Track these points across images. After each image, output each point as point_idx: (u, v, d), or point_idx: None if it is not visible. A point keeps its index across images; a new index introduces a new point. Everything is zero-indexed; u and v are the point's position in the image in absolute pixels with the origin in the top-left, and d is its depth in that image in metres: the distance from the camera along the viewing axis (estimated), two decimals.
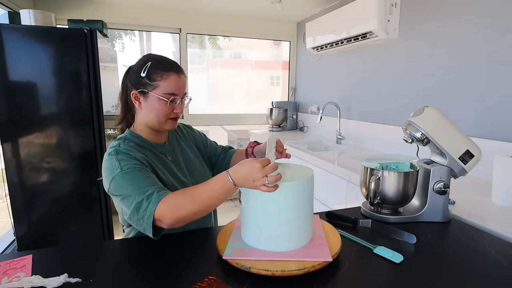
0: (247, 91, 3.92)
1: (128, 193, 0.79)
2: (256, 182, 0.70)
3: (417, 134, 0.97)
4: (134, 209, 0.77)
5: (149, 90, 0.90)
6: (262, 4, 2.79)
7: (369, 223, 0.93)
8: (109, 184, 0.83)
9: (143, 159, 0.88)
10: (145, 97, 0.91)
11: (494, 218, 1.02)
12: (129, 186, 0.79)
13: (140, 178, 0.81)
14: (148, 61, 0.91)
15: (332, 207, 1.85)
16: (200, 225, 0.99)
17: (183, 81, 0.93)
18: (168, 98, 0.90)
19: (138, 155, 0.87)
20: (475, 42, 1.56)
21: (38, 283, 0.62)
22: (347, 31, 2.24)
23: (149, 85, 0.89)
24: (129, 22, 2.93)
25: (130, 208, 0.78)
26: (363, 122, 2.39)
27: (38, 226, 2.00)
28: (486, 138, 1.49)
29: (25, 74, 1.86)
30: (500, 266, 0.72)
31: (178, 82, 0.91)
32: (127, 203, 0.79)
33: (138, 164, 0.84)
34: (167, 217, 0.75)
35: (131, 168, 0.82)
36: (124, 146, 0.89)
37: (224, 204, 3.46)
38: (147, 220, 0.75)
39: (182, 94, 0.94)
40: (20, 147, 1.90)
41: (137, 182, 0.80)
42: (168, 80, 0.89)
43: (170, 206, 0.75)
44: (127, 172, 0.81)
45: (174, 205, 0.76)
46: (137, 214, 0.77)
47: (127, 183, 0.80)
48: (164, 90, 0.89)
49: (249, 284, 0.64)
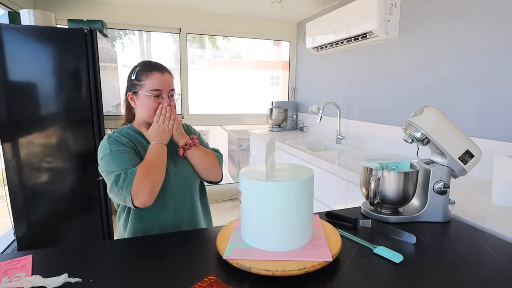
0: (247, 91, 3.92)
1: (112, 169, 0.93)
2: (164, 128, 1.01)
3: (417, 134, 0.97)
4: (113, 182, 0.92)
5: (138, 90, 1.04)
6: (262, 4, 2.79)
7: (369, 223, 0.93)
8: (99, 162, 0.98)
9: (128, 143, 1.01)
10: (137, 96, 1.05)
11: (494, 218, 1.02)
12: (114, 164, 0.94)
13: (124, 158, 0.96)
14: (137, 66, 1.06)
15: (332, 207, 1.85)
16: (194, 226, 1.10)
17: (166, 78, 1.05)
18: (153, 94, 1.02)
19: (124, 140, 1.01)
20: (475, 42, 1.56)
21: (38, 283, 0.62)
22: (347, 31, 2.24)
23: (138, 85, 1.03)
24: (129, 22, 2.93)
25: (111, 181, 0.92)
26: (363, 122, 2.39)
27: (38, 226, 2.00)
28: (486, 138, 1.49)
29: (25, 74, 1.86)
30: (500, 266, 0.72)
31: (162, 79, 1.03)
32: (110, 178, 0.93)
33: (125, 148, 0.99)
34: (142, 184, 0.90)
35: (118, 151, 0.97)
36: (117, 134, 1.03)
37: (224, 204, 3.47)
38: (126, 189, 0.90)
39: (167, 90, 1.05)
40: (20, 147, 1.90)
41: (120, 161, 0.95)
42: (152, 78, 1.02)
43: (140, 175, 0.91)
44: (114, 153, 0.96)
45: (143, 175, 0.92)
46: (116, 186, 0.91)
47: (113, 161, 0.94)
48: (150, 87, 1.02)
49: (249, 284, 0.64)
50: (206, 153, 1.11)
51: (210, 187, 3.85)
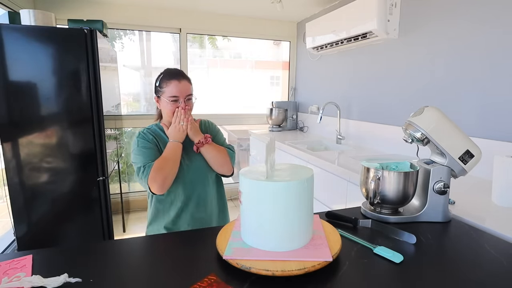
0: (247, 91, 3.92)
1: (137, 162, 1.15)
2: (179, 129, 1.17)
3: (417, 134, 0.97)
4: (136, 173, 1.15)
5: (160, 95, 1.21)
6: (262, 4, 2.79)
7: (369, 223, 0.93)
8: (131, 154, 1.20)
9: (152, 140, 1.21)
10: (160, 100, 1.23)
11: (494, 218, 1.02)
12: (139, 158, 1.15)
13: (146, 153, 1.16)
14: (161, 74, 1.23)
15: (332, 207, 1.85)
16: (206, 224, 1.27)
17: (183, 85, 1.19)
18: (170, 100, 1.18)
19: (150, 138, 1.21)
20: (475, 42, 1.56)
21: (38, 283, 0.62)
22: (347, 31, 2.24)
23: (160, 91, 1.21)
24: (129, 22, 2.93)
25: (135, 171, 1.15)
26: (363, 122, 2.39)
27: (38, 226, 2.00)
28: (486, 138, 1.49)
29: (25, 74, 1.86)
30: (500, 266, 0.72)
31: (179, 86, 1.18)
32: (135, 169, 1.16)
33: (150, 144, 1.19)
34: (156, 177, 1.10)
35: (144, 147, 1.17)
36: (145, 131, 1.23)
37: None
38: (144, 179, 1.12)
39: (184, 96, 1.19)
40: (20, 147, 1.90)
41: (144, 156, 1.15)
42: (170, 86, 1.18)
43: (155, 169, 1.11)
44: (140, 148, 1.17)
45: (158, 169, 1.12)
46: (138, 176, 1.14)
47: (138, 155, 1.16)
48: (168, 94, 1.18)
49: (249, 284, 0.64)
50: (218, 150, 1.25)
51: None
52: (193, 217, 1.23)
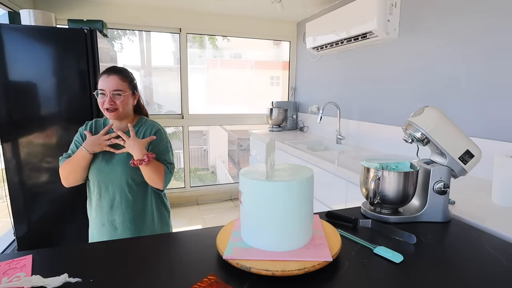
0: (247, 91, 3.92)
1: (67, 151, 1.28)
2: (101, 144, 1.19)
3: (417, 134, 0.97)
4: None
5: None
6: (262, 4, 2.79)
7: (369, 223, 0.93)
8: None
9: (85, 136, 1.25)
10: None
11: (494, 218, 1.02)
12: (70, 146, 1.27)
13: (72, 146, 1.27)
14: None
15: (332, 207, 1.85)
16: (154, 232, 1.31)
17: (111, 79, 1.19)
18: (98, 93, 1.20)
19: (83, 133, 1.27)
20: (475, 42, 1.56)
21: (38, 283, 0.62)
22: (347, 31, 2.24)
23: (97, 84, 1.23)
24: (129, 22, 2.93)
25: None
26: (363, 122, 2.39)
27: (38, 226, 2.00)
28: (486, 138, 1.49)
29: (25, 74, 1.86)
30: (500, 266, 0.72)
31: (106, 81, 1.19)
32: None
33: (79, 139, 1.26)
34: (61, 171, 1.24)
35: (75, 140, 1.28)
36: (89, 123, 1.33)
37: (224, 204, 3.47)
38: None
39: (110, 90, 1.18)
40: (20, 147, 1.90)
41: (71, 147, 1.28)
42: (99, 80, 1.20)
43: (61, 166, 1.24)
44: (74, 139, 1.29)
45: (62, 166, 1.23)
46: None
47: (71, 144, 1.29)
48: (98, 87, 1.20)
49: (249, 284, 0.64)
50: (154, 171, 1.19)
51: (210, 187, 3.84)
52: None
